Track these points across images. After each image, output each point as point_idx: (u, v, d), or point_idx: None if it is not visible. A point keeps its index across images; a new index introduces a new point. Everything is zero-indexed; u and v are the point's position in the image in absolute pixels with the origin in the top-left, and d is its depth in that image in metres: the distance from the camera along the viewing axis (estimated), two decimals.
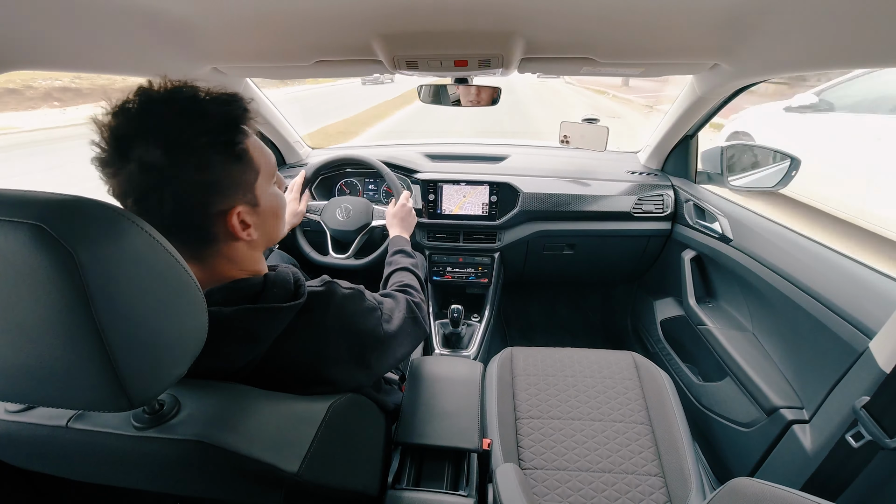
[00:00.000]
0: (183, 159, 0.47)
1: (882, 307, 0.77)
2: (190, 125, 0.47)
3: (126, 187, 0.47)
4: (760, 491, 0.46)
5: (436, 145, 1.72)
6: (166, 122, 0.46)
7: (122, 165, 0.46)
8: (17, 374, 0.34)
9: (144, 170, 0.46)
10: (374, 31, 0.82)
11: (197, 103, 0.48)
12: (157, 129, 0.46)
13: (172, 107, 0.47)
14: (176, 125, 0.46)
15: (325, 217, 1.37)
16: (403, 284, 0.88)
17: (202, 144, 0.47)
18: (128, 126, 0.46)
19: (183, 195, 0.48)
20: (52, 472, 0.49)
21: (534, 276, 1.73)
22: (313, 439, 0.48)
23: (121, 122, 0.46)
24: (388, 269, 0.98)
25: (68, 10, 0.63)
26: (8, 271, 0.30)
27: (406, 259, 1.00)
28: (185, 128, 0.47)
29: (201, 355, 0.41)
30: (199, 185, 0.48)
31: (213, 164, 0.49)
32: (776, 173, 1.25)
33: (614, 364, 1.10)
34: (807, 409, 0.90)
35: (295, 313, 0.53)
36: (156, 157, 0.45)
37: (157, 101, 0.47)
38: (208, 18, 0.78)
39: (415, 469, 0.76)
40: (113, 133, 0.46)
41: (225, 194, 0.51)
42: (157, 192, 0.46)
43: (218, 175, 0.49)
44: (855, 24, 0.61)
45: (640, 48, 0.88)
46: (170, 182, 0.47)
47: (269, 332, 0.51)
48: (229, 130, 0.50)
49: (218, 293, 0.50)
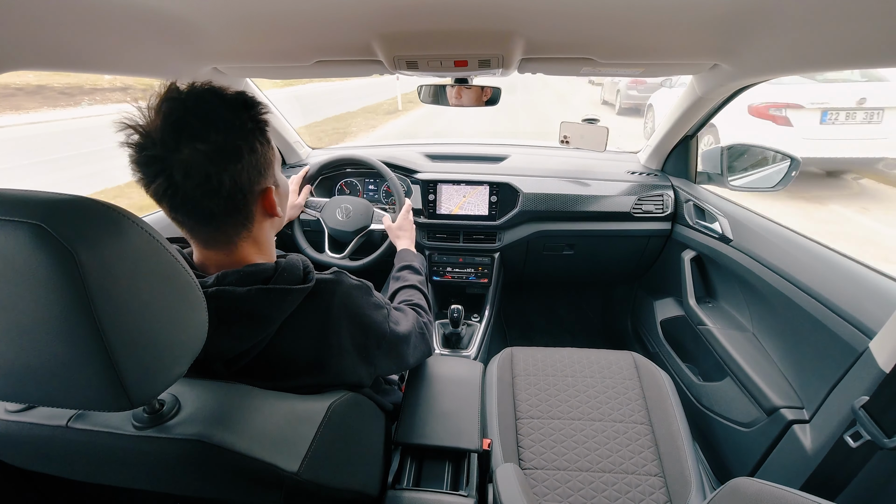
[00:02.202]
0: (239, 143, 0.51)
1: (882, 307, 0.77)
2: (237, 112, 0.52)
3: (180, 177, 0.48)
4: (760, 491, 0.46)
5: (436, 145, 1.72)
6: (219, 110, 0.50)
7: (173, 155, 0.47)
8: (18, 374, 0.34)
9: (206, 154, 0.48)
10: (374, 31, 0.82)
11: (235, 95, 0.53)
12: (214, 116, 0.50)
13: (220, 97, 0.51)
14: (228, 111, 0.51)
15: (325, 215, 1.37)
16: (413, 304, 0.88)
17: (250, 129, 0.53)
18: (184, 113, 0.48)
19: (238, 176, 0.52)
20: (53, 472, 0.49)
21: (534, 277, 1.73)
22: (313, 439, 0.48)
23: (175, 110, 0.48)
24: (394, 283, 0.97)
25: (69, 10, 0.63)
26: (8, 271, 0.30)
27: (414, 276, 0.99)
28: (235, 114, 0.51)
29: (208, 335, 0.42)
30: (251, 166, 0.53)
31: (257, 146, 0.54)
32: (776, 173, 1.25)
33: (614, 364, 1.10)
34: (807, 409, 0.90)
35: (303, 297, 0.55)
36: (217, 141, 0.49)
37: (202, 93, 0.50)
38: (209, 18, 0.78)
39: (415, 469, 0.76)
40: (168, 121, 0.47)
41: (264, 175, 0.56)
42: (218, 176, 0.49)
43: (260, 157, 0.54)
44: (855, 24, 0.61)
45: (640, 48, 0.88)
46: (230, 164, 0.50)
47: (277, 313, 0.53)
48: (261, 117, 0.55)
49: (232, 275, 0.53)
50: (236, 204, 0.53)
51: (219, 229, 0.54)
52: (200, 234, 0.55)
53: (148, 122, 0.48)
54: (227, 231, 0.55)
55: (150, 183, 0.49)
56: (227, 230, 0.55)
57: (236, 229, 0.55)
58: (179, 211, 0.51)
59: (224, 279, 0.52)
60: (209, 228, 0.54)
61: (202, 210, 0.51)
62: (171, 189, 0.48)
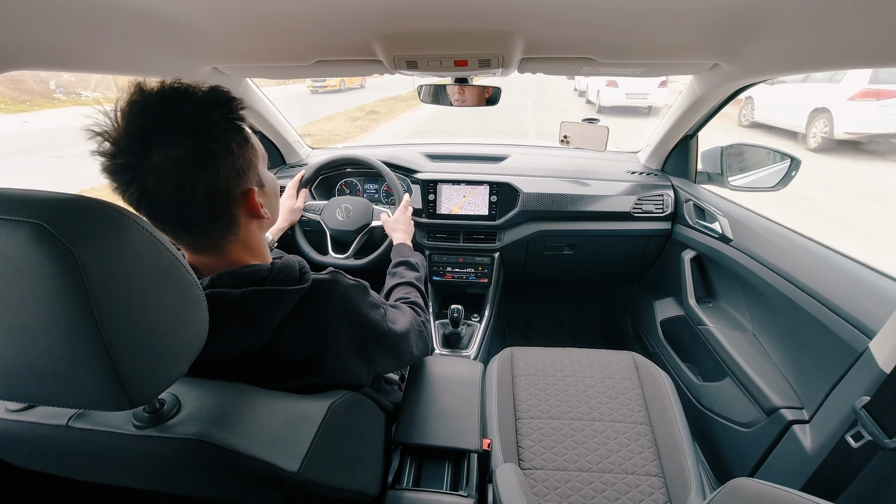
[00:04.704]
0: (212, 145, 0.48)
1: (882, 307, 0.77)
2: (207, 112, 0.49)
3: (152, 185, 0.46)
4: (760, 491, 0.46)
5: (436, 145, 1.72)
6: (188, 112, 0.47)
7: (143, 163, 0.45)
8: (18, 374, 0.34)
9: (176, 161, 0.46)
10: (374, 31, 0.82)
11: (206, 93, 0.50)
12: (181, 118, 0.47)
13: (188, 97, 0.48)
14: (197, 112, 0.48)
15: (325, 217, 1.37)
16: (410, 302, 0.87)
17: (223, 129, 0.50)
18: (149, 119, 0.45)
19: (215, 181, 0.49)
20: (53, 471, 0.49)
21: (534, 276, 1.73)
22: (313, 439, 0.48)
23: (139, 117, 0.45)
24: (391, 279, 0.97)
25: (69, 10, 0.63)
26: (9, 270, 0.30)
27: (410, 273, 0.99)
28: (205, 115, 0.48)
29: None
30: (228, 169, 0.50)
31: (233, 147, 0.51)
32: (776, 173, 1.25)
33: (614, 364, 1.10)
34: (807, 409, 0.89)
35: (299, 298, 0.54)
36: (187, 146, 0.46)
37: (171, 94, 0.47)
38: (208, 19, 0.78)
39: (415, 469, 0.76)
40: (133, 129, 0.45)
41: (244, 176, 0.53)
42: (192, 183, 0.47)
43: (238, 158, 0.52)
44: (855, 24, 0.61)
45: (640, 48, 0.88)
46: (204, 169, 0.48)
47: (273, 314, 0.52)
48: (235, 114, 0.52)
49: (227, 277, 0.52)
50: (217, 209, 0.51)
51: (203, 235, 0.53)
52: (185, 241, 0.54)
53: (115, 128, 0.45)
54: (212, 237, 0.53)
55: (124, 192, 0.47)
56: (212, 236, 0.53)
57: (222, 234, 0.54)
58: (158, 219, 0.49)
59: (219, 281, 0.51)
60: (192, 235, 0.53)
61: (180, 218, 0.49)
62: (144, 198, 0.47)
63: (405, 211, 1.26)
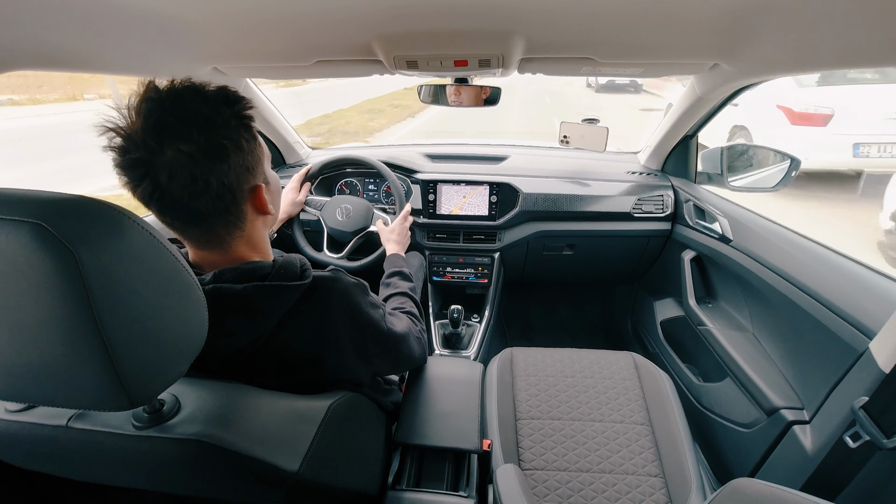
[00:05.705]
0: (224, 141, 0.50)
1: (882, 307, 0.77)
2: (219, 109, 0.50)
3: (165, 180, 0.47)
4: (760, 491, 0.46)
5: (436, 145, 1.72)
6: (200, 109, 0.49)
7: (157, 157, 0.46)
8: (18, 374, 0.33)
9: (190, 156, 0.47)
10: (374, 31, 0.82)
11: (216, 91, 0.51)
12: (195, 114, 0.48)
13: (200, 94, 0.49)
14: (209, 109, 0.49)
15: (325, 215, 1.38)
16: (406, 311, 0.87)
17: (234, 126, 0.51)
18: (163, 113, 0.46)
19: (226, 176, 0.50)
20: (53, 471, 0.49)
21: (534, 277, 1.73)
22: (313, 439, 0.48)
23: (154, 113, 0.46)
24: (384, 290, 0.97)
25: (69, 11, 0.63)
26: (9, 270, 0.30)
27: (404, 283, 0.98)
28: (217, 112, 0.50)
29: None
30: (238, 165, 0.52)
31: (243, 143, 0.52)
32: (776, 174, 1.25)
33: (614, 364, 1.10)
34: (807, 409, 0.89)
35: (300, 294, 0.55)
36: (200, 141, 0.47)
37: (184, 91, 0.49)
38: (209, 19, 0.78)
39: (415, 469, 0.76)
40: (148, 122, 0.46)
41: (253, 173, 0.55)
42: (204, 177, 0.48)
43: (248, 154, 0.53)
44: (855, 24, 0.61)
45: (640, 48, 0.88)
46: (216, 163, 0.49)
47: (274, 309, 0.53)
48: (245, 112, 0.53)
49: (229, 272, 0.52)
50: (226, 204, 0.52)
51: (210, 230, 0.54)
52: (192, 236, 0.55)
53: (129, 124, 0.46)
54: (218, 232, 0.54)
55: (136, 187, 0.48)
56: (219, 231, 0.54)
57: (228, 229, 0.55)
58: (168, 214, 0.51)
59: (221, 277, 0.52)
60: (200, 230, 0.54)
61: (191, 212, 0.50)
62: (157, 192, 0.48)
63: (403, 222, 1.25)
